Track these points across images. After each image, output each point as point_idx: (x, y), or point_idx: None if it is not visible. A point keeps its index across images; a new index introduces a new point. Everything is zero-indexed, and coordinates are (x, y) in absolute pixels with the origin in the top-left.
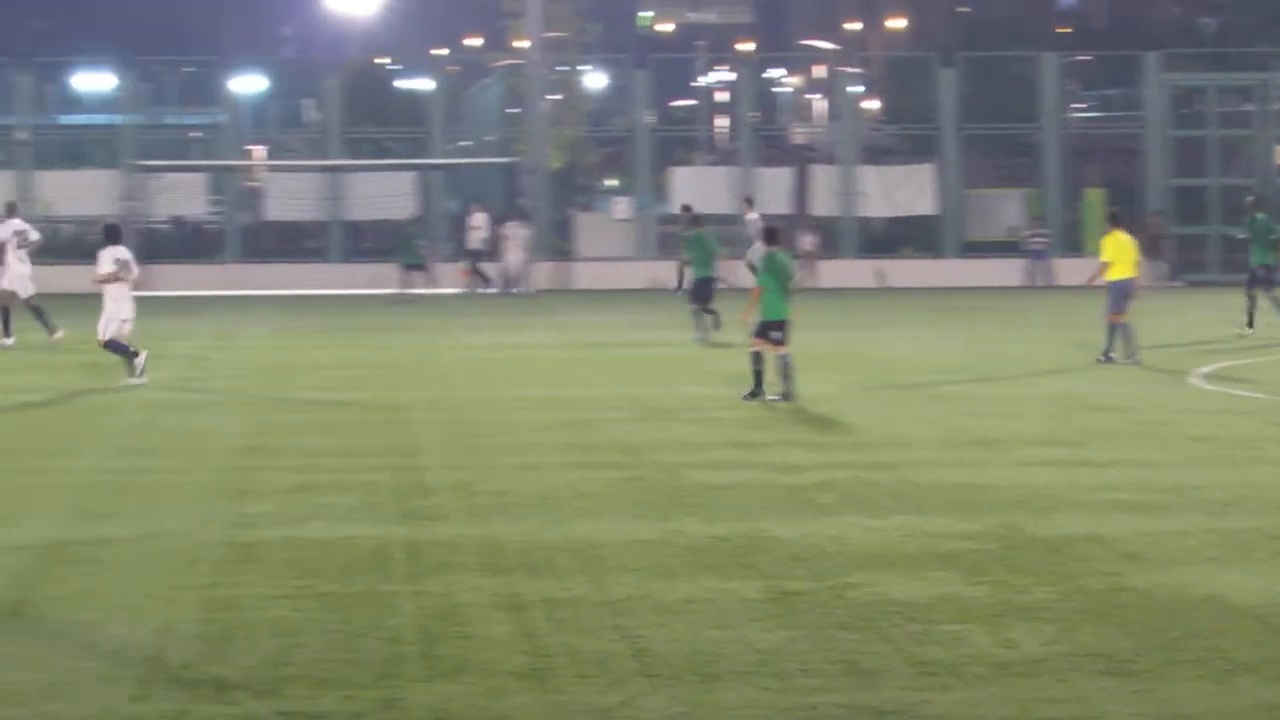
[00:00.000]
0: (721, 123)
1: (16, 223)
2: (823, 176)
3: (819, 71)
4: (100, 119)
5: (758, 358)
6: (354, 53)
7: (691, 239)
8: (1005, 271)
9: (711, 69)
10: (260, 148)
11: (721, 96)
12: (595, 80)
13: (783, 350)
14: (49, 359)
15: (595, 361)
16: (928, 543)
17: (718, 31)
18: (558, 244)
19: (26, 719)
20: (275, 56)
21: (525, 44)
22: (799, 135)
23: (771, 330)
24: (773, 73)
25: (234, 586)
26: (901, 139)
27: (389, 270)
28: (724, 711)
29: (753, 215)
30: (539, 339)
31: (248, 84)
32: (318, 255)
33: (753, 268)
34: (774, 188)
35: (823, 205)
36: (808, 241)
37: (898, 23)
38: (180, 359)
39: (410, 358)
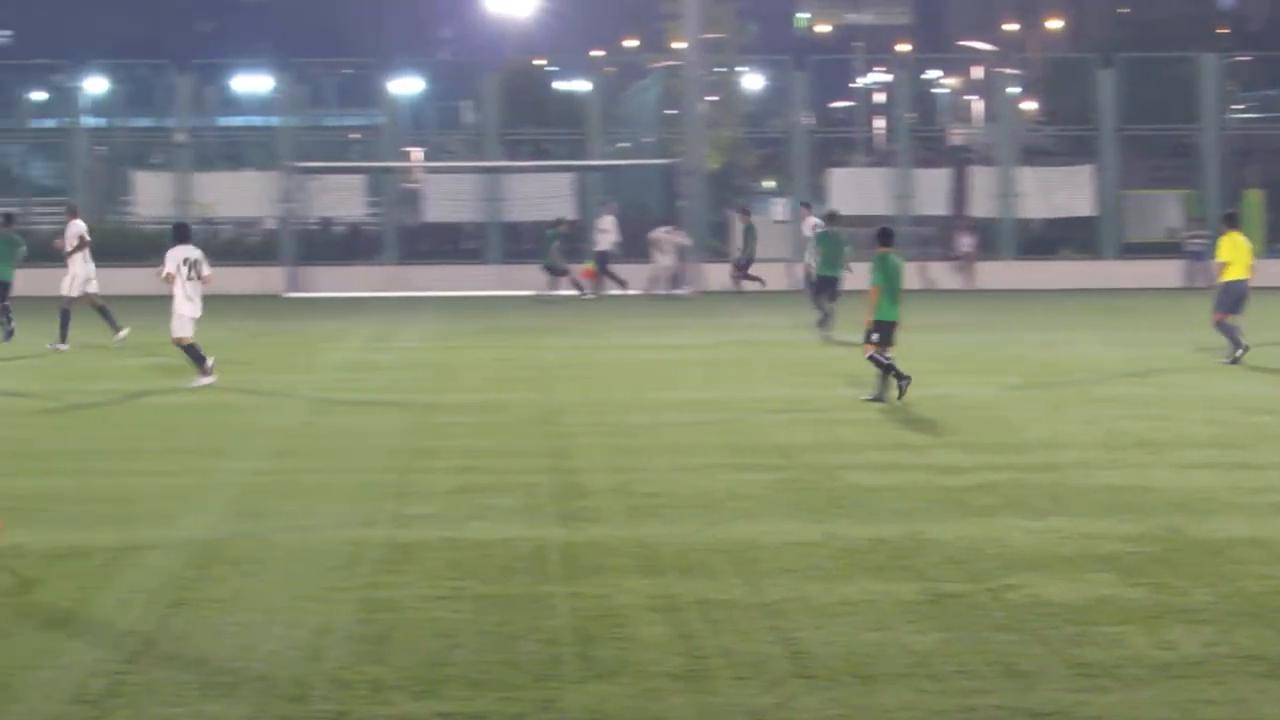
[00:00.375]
0: (879, 124)
1: (79, 224)
2: (980, 178)
3: (977, 72)
4: (259, 121)
5: (880, 358)
6: (512, 54)
7: (822, 235)
8: (1164, 273)
9: (869, 70)
10: (418, 149)
11: (879, 98)
12: (753, 81)
13: (879, 350)
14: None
15: (752, 362)
16: (1086, 544)
17: (876, 32)
18: (715, 245)
19: (184, 718)
20: (433, 58)
21: (683, 45)
22: (957, 136)
23: (879, 331)
24: (930, 74)
25: (393, 588)
26: (1059, 140)
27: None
28: (880, 714)
29: (811, 219)
30: (695, 340)
31: (406, 86)
32: (476, 257)
33: (810, 271)
34: (931, 189)
35: (980, 206)
36: (965, 243)
37: (1056, 23)
38: (339, 361)
39: (567, 359)
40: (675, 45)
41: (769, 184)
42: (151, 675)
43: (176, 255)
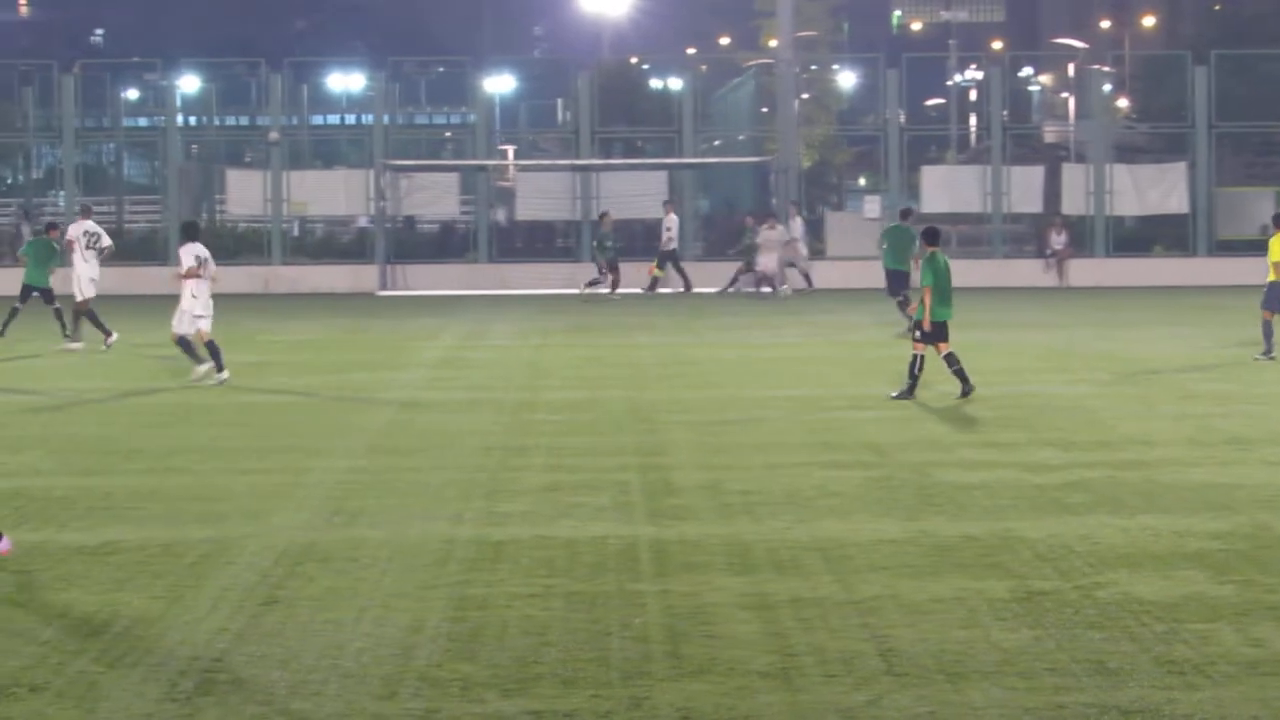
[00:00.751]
0: (972, 121)
1: (89, 224)
2: (1073, 175)
3: (1070, 70)
4: (352, 119)
5: (919, 360)
6: (606, 52)
7: (890, 230)
8: (1256, 270)
9: (963, 67)
10: (511, 147)
11: (972, 95)
12: (846, 79)
13: (945, 349)
14: (302, 359)
15: (845, 360)
16: (1176, 542)
17: (969, 30)
18: (809, 243)
19: (274, 716)
20: (527, 56)
21: (776, 43)
22: (1050, 133)
23: (934, 330)
24: (1024, 71)
25: (483, 585)
26: (1152, 137)
27: (631, 269)
28: (970, 711)
29: (798, 219)
30: (788, 338)
31: (499, 84)
32: (568, 254)
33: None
34: (1024, 186)
35: (1073, 204)
36: (1058, 241)
37: (1150, 20)
38: (432, 359)
39: (657, 357)
40: (769, 43)
41: (862, 182)
42: (241, 673)
43: (190, 252)
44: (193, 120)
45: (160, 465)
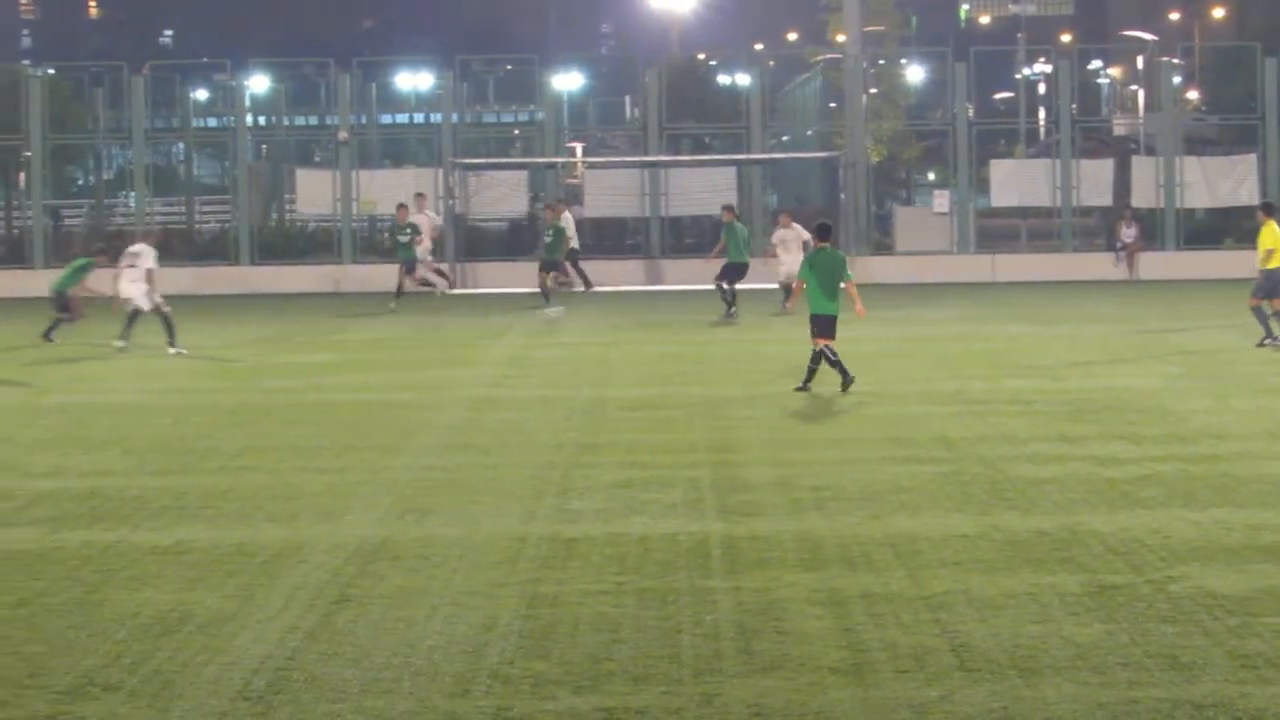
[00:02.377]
0: (1041, 115)
1: (139, 247)
2: (1143, 168)
3: (1139, 62)
4: (420, 118)
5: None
6: (673, 48)
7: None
8: None
9: (1031, 61)
10: (579, 144)
11: (1041, 88)
12: (914, 73)
13: (822, 344)
14: (374, 358)
15: (915, 354)
16: (1249, 535)
17: (1038, 23)
18: (878, 238)
19: (346, 714)
20: (595, 53)
21: (844, 38)
22: (1119, 126)
23: (815, 325)
24: (1093, 64)
25: (555, 583)
26: (1222, 129)
27: (703, 265)
28: (1043, 706)
29: (567, 214)
30: (857, 334)
31: (567, 81)
32: (636, 250)
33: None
34: (1094, 180)
35: (1143, 197)
36: (1128, 234)
37: (1219, 12)
38: (503, 356)
39: (727, 352)
40: (836, 38)
41: (930, 176)
42: (314, 671)
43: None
44: (262, 120)
45: (233, 464)
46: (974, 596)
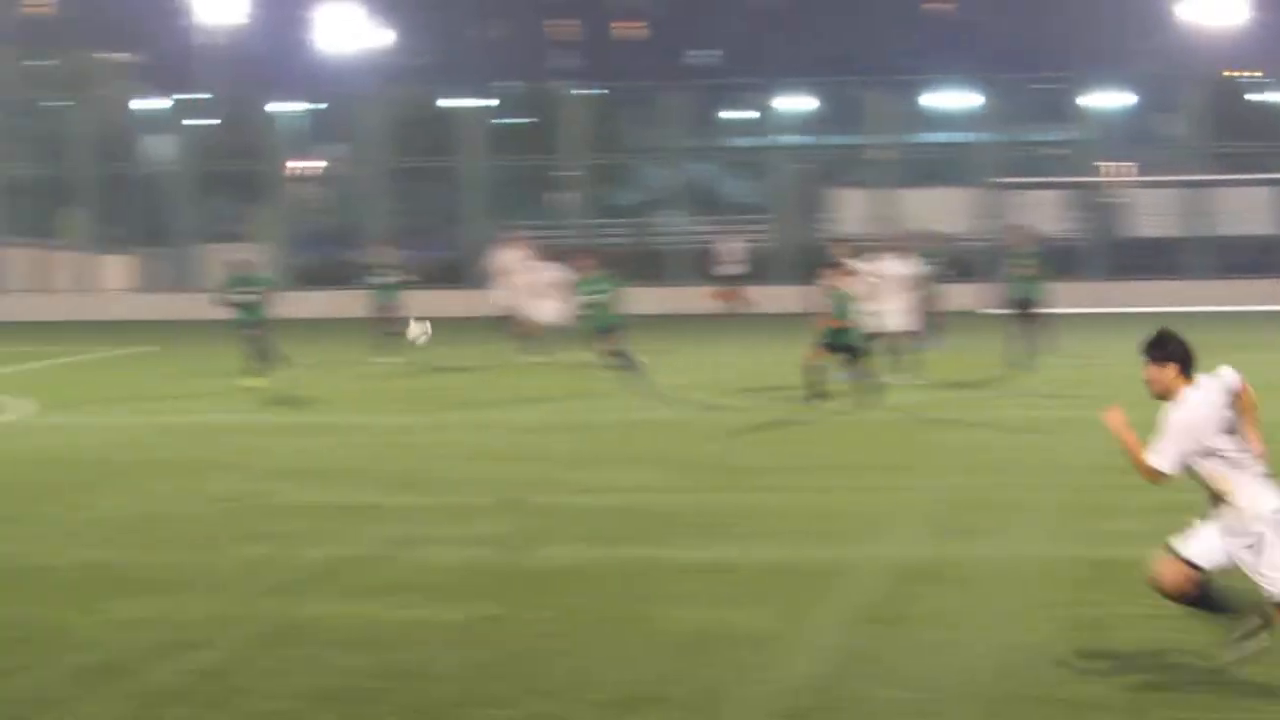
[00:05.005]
0: None
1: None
2: None
3: None
4: (956, 137)
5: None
6: (1216, 65)
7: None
8: None
9: None
10: (1125, 164)
11: None
12: None
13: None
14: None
15: None
16: None
17: None
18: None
19: None
20: (1132, 71)
21: None
22: None
23: None
24: None
25: (1094, 605)
26: None
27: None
28: None
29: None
30: None
31: (1104, 100)
32: (1175, 271)
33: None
34: None
35: None
36: None
37: None
38: (1037, 376)
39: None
40: None
41: None
42: (857, 690)
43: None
44: (796, 139)
45: (771, 483)
46: None
